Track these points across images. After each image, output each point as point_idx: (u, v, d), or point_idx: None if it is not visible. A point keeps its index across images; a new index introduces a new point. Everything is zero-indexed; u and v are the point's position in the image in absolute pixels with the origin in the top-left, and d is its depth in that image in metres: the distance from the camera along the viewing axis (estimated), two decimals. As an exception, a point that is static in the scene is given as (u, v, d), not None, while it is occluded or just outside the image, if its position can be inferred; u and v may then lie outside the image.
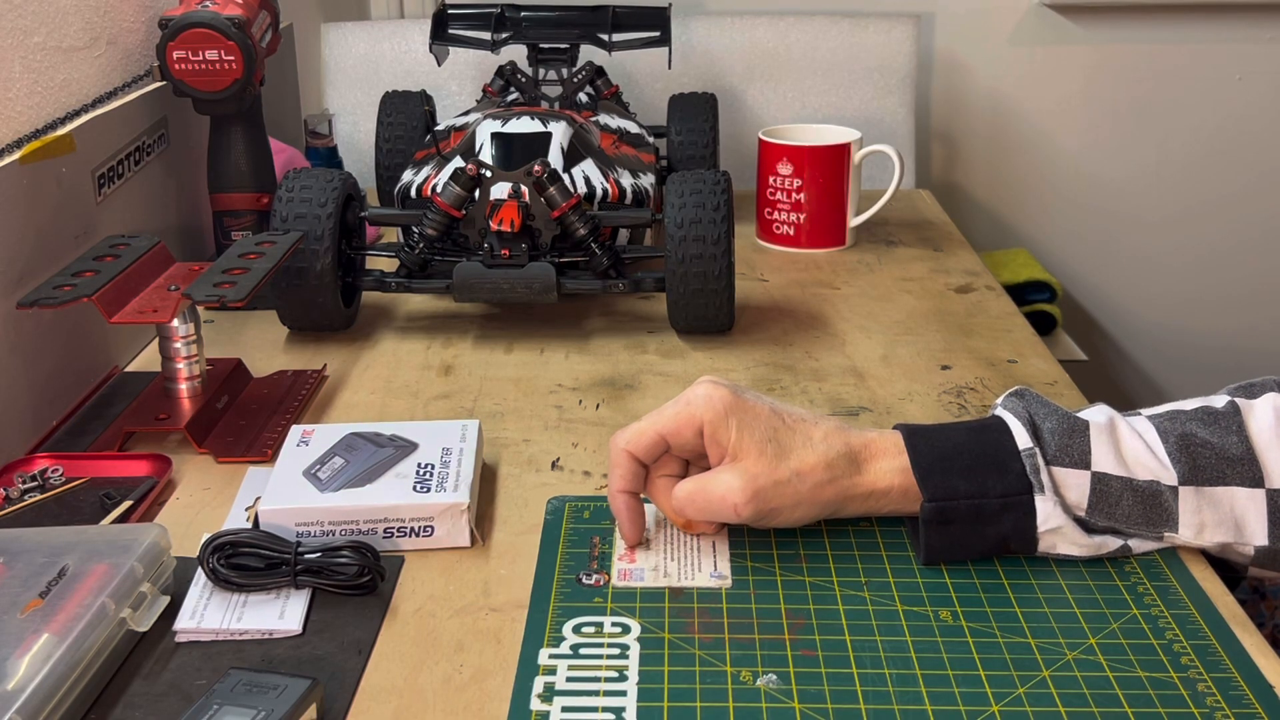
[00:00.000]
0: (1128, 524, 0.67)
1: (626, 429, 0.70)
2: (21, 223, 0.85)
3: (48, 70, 0.93)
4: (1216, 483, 0.67)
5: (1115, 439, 0.68)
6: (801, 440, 0.68)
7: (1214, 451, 0.67)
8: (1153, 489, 0.67)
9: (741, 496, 0.66)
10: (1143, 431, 0.69)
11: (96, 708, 0.59)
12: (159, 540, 0.66)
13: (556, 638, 0.63)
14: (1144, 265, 1.96)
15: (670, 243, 0.96)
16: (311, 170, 1.00)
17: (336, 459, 0.75)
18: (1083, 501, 0.67)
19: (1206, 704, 0.58)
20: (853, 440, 0.69)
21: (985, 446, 0.68)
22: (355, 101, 1.57)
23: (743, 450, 0.67)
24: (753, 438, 0.67)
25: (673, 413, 0.68)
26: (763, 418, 0.68)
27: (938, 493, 0.67)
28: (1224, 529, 0.67)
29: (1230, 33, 1.83)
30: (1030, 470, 0.67)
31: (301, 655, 0.63)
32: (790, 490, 0.67)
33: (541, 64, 1.30)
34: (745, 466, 0.66)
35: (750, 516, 0.67)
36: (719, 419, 0.67)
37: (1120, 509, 0.67)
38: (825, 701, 0.59)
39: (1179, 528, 0.67)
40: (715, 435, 0.67)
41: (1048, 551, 0.68)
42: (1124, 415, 0.70)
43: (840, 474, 0.68)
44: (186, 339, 0.86)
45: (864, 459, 0.68)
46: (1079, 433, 0.68)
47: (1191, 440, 0.67)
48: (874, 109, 1.57)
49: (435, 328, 1.05)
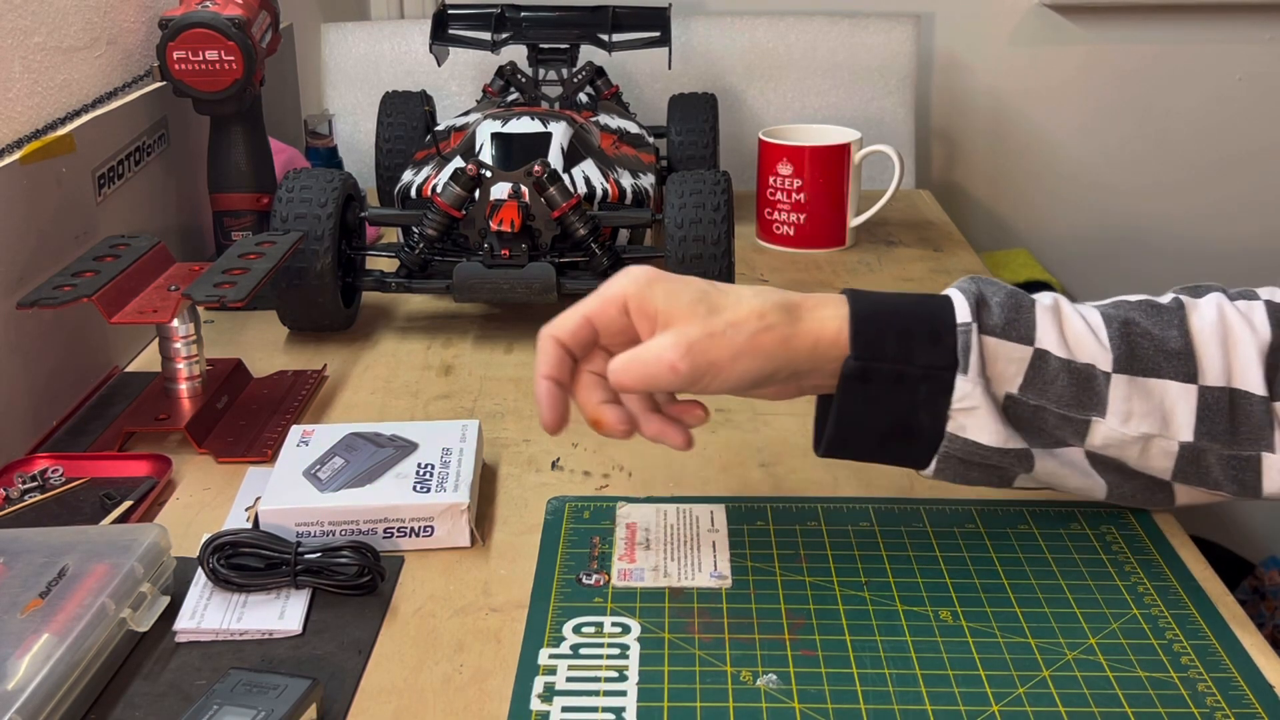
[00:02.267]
0: (1058, 404, 0.66)
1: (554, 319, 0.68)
2: (21, 223, 0.85)
3: (48, 70, 0.93)
4: (1151, 374, 0.66)
5: (1059, 317, 0.67)
6: (734, 299, 0.66)
7: (1153, 342, 0.67)
8: (1088, 372, 0.66)
9: (676, 352, 0.63)
10: (1086, 314, 0.68)
11: (96, 708, 0.59)
12: (159, 540, 0.66)
13: (556, 638, 0.63)
14: (1144, 265, 1.95)
15: (670, 243, 0.96)
16: (311, 170, 1.00)
17: (336, 459, 0.75)
18: (1018, 377, 0.66)
19: (1207, 704, 0.58)
20: (791, 296, 0.67)
21: (925, 314, 0.66)
22: (355, 101, 1.57)
23: (672, 315, 0.64)
24: (680, 300, 0.65)
25: (597, 294, 0.67)
26: (691, 283, 0.66)
27: (866, 350, 0.65)
28: (1151, 419, 0.66)
29: (1230, 33, 1.83)
30: (961, 347, 0.65)
31: (301, 655, 0.63)
32: (726, 341, 0.64)
33: (541, 64, 1.30)
34: (677, 327, 0.64)
35: (689, 373, 0.64)
36: (642, 289, 0.65)
37: (1054, 389, 0.66)
38: (825, 702, 0.59)
39: (1106, 413, 0.66)
40: (642, 307, 0.65)
41: (956, 433, 0.66)
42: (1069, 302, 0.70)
43: (777, 321, 0.65)
44: (186, 339, 0.86)
45: (803, 309, 0.66)
46: (1025, 309, 0.67)
47: (1133, 328, 0.67)
48: (874, 109, 1.57)
49: (435, 328, 1.05)
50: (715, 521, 0.74)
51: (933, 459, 0.68)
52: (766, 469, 0.81)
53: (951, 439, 0.66)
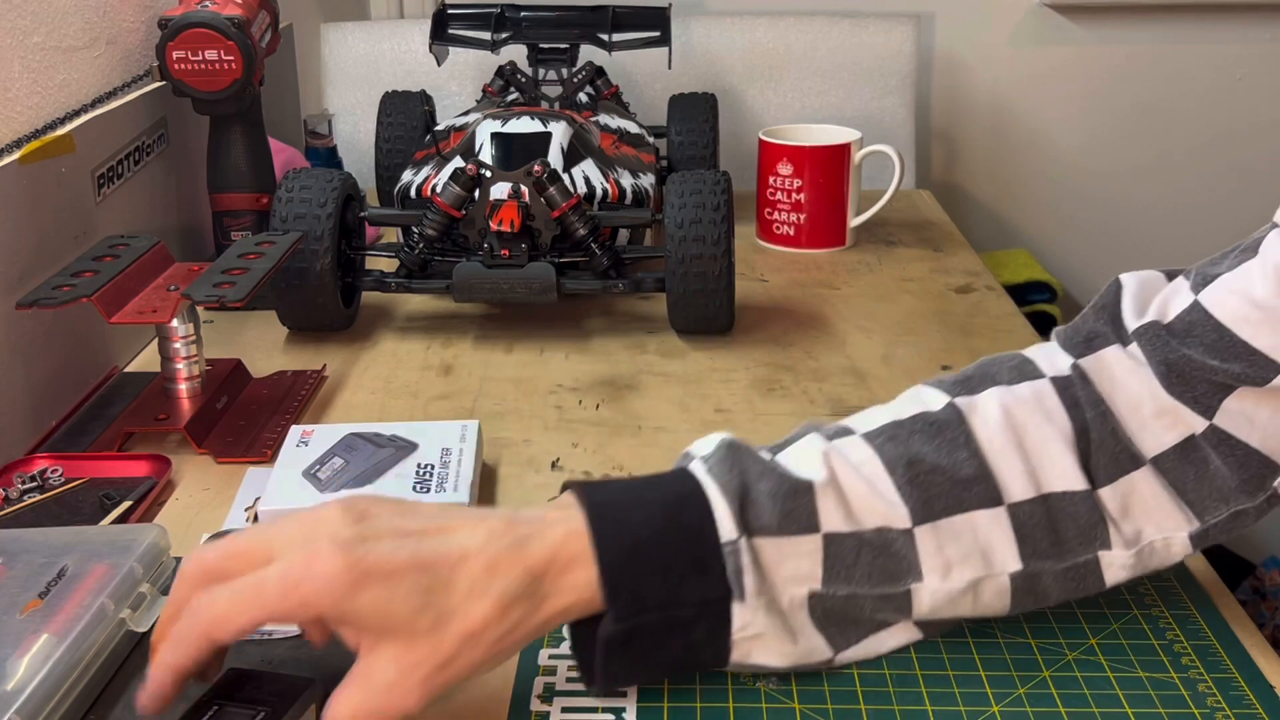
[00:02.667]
0: (869, 585, 0.58)
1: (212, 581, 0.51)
2: (21, 223, 0.85)
3: (47, 70, 0.93)
4: (953, 511, 0.58)
5: (840, 490, 0.58)
6: (464, 587, 0.52)
7: (944, 476, 0.58)
8: (883, 538, 0.58)
9: (411, 696, 0.51)
10: (863, 464, 0.59)
11: (96, 708, 0.59)
12: (158, 540, 0.66)
13: (556, 638, 0.63)
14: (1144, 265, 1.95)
15: (670, 243, 0.96)
16: (311, 170, 1.00)
17: (336, 459, 0.75)
18: (816, 571, 0.57)
19: (1207, 704, 0.58)
20: (530, 556, 0.54)
21: (684, 535, 0.56)
22: (355, 101, 1.57)
23: (388, 630, 0.51)
24: (397, 613, 0.51)
25: (278, 591, 0.50)
26: (404, 581, 0.51)
27: (627, 609, 0.55)
28: (972, 563, 0.59)
29: (1230, 33, 1.83)
30: (732, 571, 0.56)
31: (301, 655, 0.62)
32: (464, 661, 0.52)
33: (541, 64, 1.30)
34: (398, 655, 0.51)
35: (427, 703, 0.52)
36: (342, 603, 0.50)
37: (858, 570, 0.57)
38: (825, 702, 0.59)
39: (923, 573, 0.58)
40: (345, 620, 0.51)
41: (741, 661, 0.58)
42: (836, 440, 0.61)
43: (522, 615, 0.53)
44: (186, 339, 0.86)
45: (547, 580, 0.54)
46: (801, 493, 0.57)
47: (919, 466, 0.59)
48: (874, 109, 1.57)
49: (435, 328, 1.05)
50: (715, 521, 0.74)
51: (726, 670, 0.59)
52: (766, 469, 0.81)
53: (741, 668, 0.59)
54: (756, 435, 0.85)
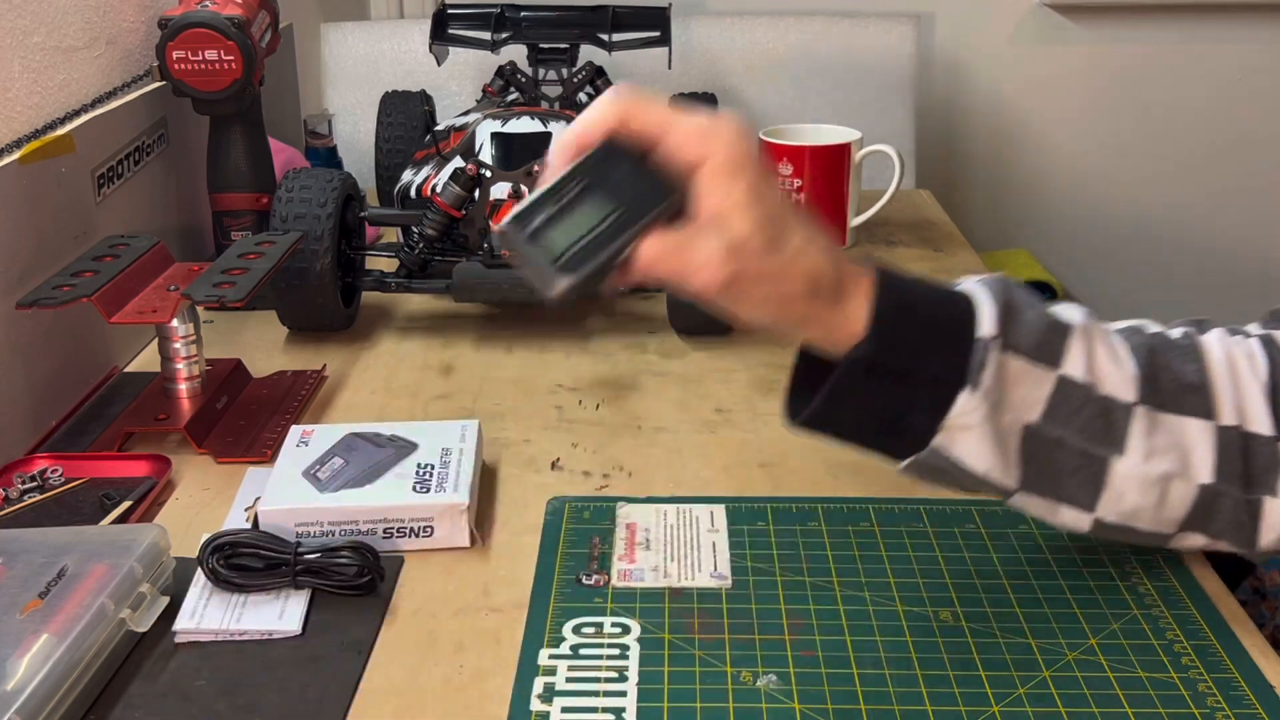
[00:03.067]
0: (1079, 438, 0.61)
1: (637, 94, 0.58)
2: (21, 223, 0.85)
3: (47, 70, 0.93)
4: (1172, 409, 0.62)
5: (1091, 345, 0.62)
6: (803, 237, 0.58)
7: (1173, 376, 0.63)
8: (1108, 404, 0.61)
9: (723, 270, 0.56)
10: (1114, 340, 0.64)
11: (96, 708, 0.59)
12: (158, 540, 0.66)
13: (556, 638, 0.63)
14: (1144, 265, 1.96)
15: (670, 243, 0.96)
16: (311, 170, 1.00)
17: (336, 459, 0.75)
18: (1041, 406, 0.61)
19: (1207, 704, 0.58)
20: (844, 269, 0.60)
21: (949, 317, 0.61)
22: (355, 101, 1.57)
23: (741, 217, 0.56)
24: (761, 208, 0.57)
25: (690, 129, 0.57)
26: (771, 194, 0.58)
27: (881, 344, 0.59)
28: (1172, 457, 0.62)
29: (1230, 33, 1.83)
30: (975, 362, 0.59)
31: (301, 655, 0.63)
32: (768, 288, 0.58)
33: (541, 64, 1.30)
34: (736, 241, 0.56)
35: (714, 297, 0.58)
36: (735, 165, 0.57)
37: (1076, 420, 0.61)
38: (825, 702, 0.59)
39: (1126, 449, 0.61)
40: (717, 178, 0.57)
41: (943, 448, 0.60)
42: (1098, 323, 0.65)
43: (819, 295, 0.59)
44: (186, 339, 0.86)
45: (845, 293, 0.59)
46: (1059, 330, 0.62)
47: (1156, 361, 0.63)
48: (874, 109, 1.57)
49: (435, 328, 1.05)
50: (715, 522, 0.74)
51: (908, 459, 0.62)
52: (766, 469, 0.81)
53: (934, 452, 0.61)
54: (756, 435, 0.86)
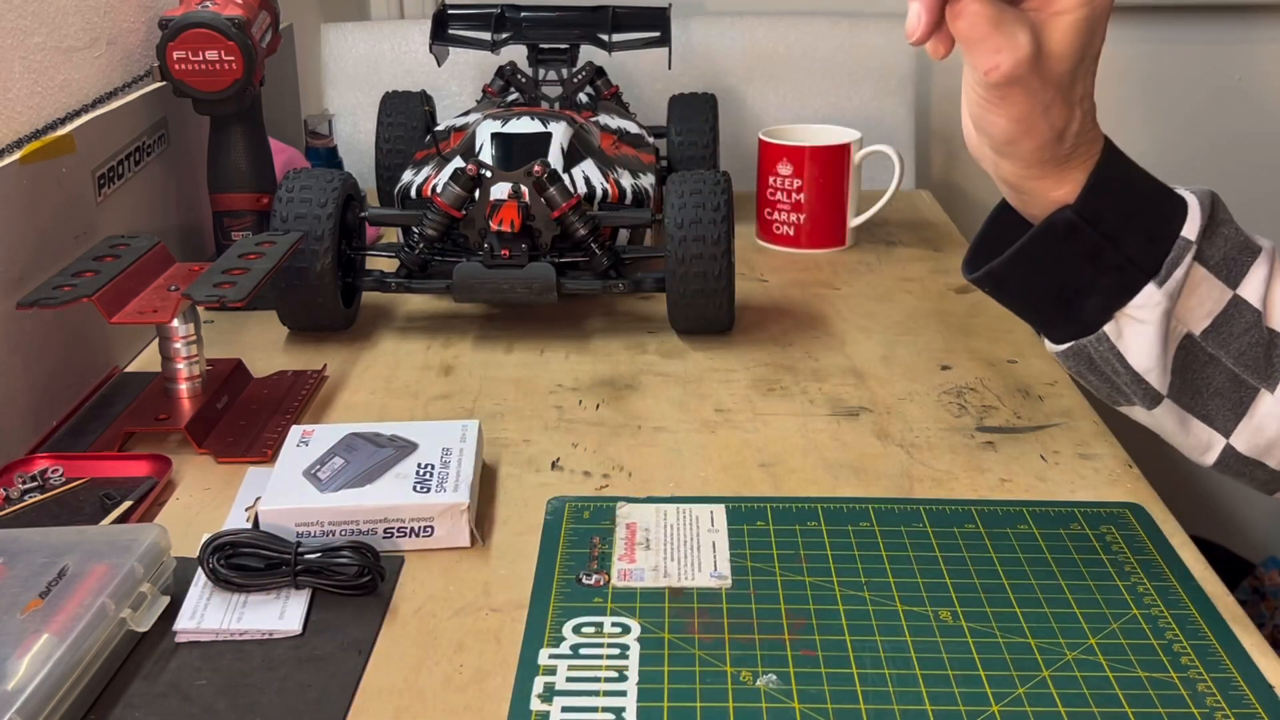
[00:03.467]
0: (1234, 360, 0.63)
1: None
2: (21, 223, 0.85)
3: (48, 70, 0.93)
4: None
5: (1272, 274, 0.63)
6: (1088, 91, 0.60)
7: None
8: (1272, 337, 0.63)
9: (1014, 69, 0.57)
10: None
11: (96, 708, 0.59)
12: (159, 540, 0.66)
13: (556, 638, 0.63)
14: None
15: (670, 243, 0.96)
16: (311, 170, 1.00)
17: (336, 459, 0.75)
18: (1206, 320, 0.63)
19: (1207, 704, 0.58)
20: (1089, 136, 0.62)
21: (1157, 209, 0.62)
22: (355, 101, 1.57)
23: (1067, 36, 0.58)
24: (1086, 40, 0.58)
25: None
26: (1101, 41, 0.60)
27: (1085, 210, 0.61)
28: None
29: (1230, 33, 1.83)
30: (1170, 259, 0.61)
31: (301, 655, 0.63)
32: (1035, 109, 0.59)
33: (541, 64, 1.30)
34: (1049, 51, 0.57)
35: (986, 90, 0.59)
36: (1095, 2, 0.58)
37: (1236, 343, 0.63)
38: (825, 702, 0.59)
39: (1278, 388, 0.63)
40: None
41: (1112, 336, 0.63)
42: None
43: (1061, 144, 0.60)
44: (186, 339, 0.86)
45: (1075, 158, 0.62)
46: (1249, 250, 0.63)
47: None
48: (874, 109, 1.57)
49: (435, 328, 1.05)
50: (715, 521, 0.74)
51: (1069, 342, 0.64)
52: (766, 469, 0.81)
53: (1101, 338, 0.63)
54: (756, 435, 0.86)
